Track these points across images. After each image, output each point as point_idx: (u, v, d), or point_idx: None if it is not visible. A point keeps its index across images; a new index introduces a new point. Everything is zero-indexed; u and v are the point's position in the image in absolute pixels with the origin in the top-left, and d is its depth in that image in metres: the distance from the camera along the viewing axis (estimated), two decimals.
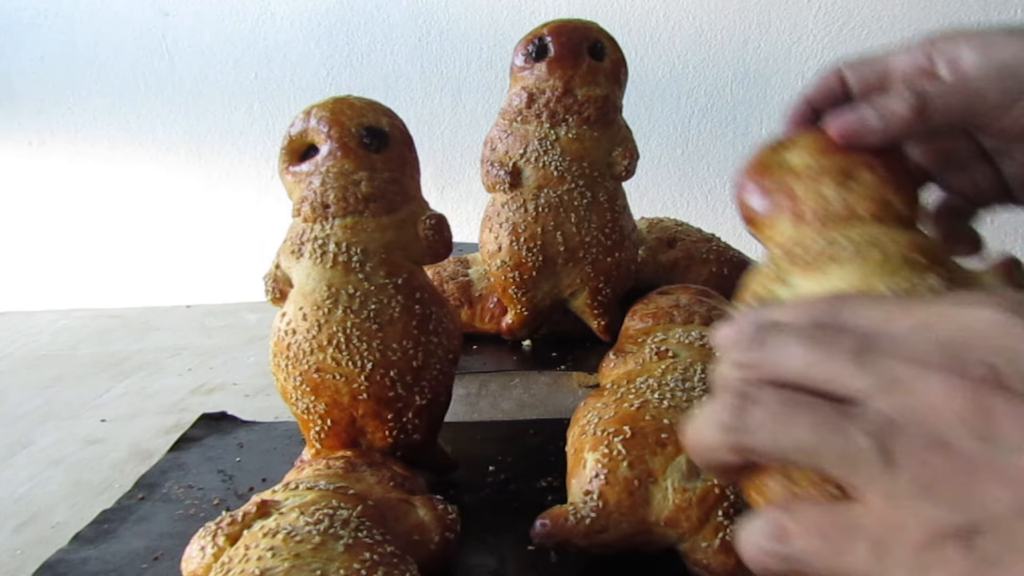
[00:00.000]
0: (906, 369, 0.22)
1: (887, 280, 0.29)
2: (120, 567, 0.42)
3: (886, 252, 0.30)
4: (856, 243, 0.30)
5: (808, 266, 0.30)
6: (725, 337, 0.26)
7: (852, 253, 0.30)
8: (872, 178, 0.33)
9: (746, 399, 0.23)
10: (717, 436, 0.23)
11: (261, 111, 1.13)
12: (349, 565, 0.32)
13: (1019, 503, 0.20)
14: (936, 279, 0.29)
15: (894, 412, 0.21)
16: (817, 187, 0.33)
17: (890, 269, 0.29)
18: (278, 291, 0.47)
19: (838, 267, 0.30)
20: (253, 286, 0.50)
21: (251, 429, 0.60)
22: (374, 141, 0.46)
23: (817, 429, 0.22)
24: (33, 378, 0.77)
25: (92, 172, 1.16)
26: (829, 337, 0.23)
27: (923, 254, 0.30)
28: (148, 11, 1.10)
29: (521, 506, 0.46)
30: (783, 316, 0.25)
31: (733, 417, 0.23)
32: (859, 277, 0.29)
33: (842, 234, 0.31)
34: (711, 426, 0.24)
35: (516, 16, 1.08)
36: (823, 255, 0.30)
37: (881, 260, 0.29)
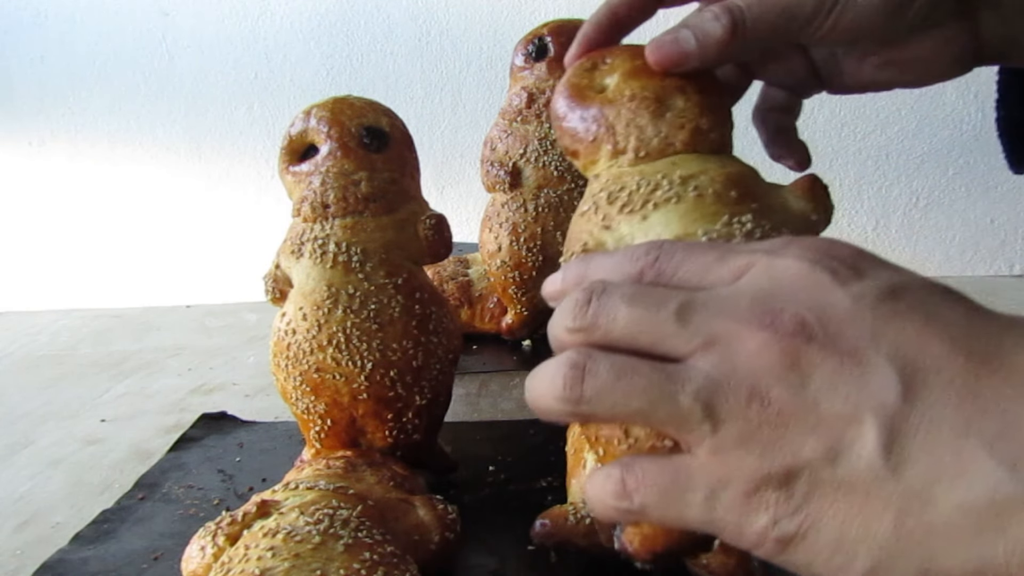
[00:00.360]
0: (724, 325, 0.23)
1: (705, 225, 0.30)
2: (120, 567, 0.42)
3: (702, 192, 0.31)
4: (674, 183, 0.31)
5: (631, 212, 0.31)
6: (553, 290, 0.28)
7: (671, 195, 0.31)
8: (686, 104, 0.33)
9: (579, 369, 0.24)
10: (555, 405, 0.25)
11: (261, 111, 1.13)
12: (349, 565, 0.32)
13: (826, 448, 0.21)
14: (749, 216, 0.30)
15: (716, 369, 0.23)
16: (634, 119, 0.33)
17: (707, 212, 0.30)
18: (278, 291, 0.47)
19: (658, 212, 0.31)
20: (253, 286, 0.50)
21: (251, 429, 0.60)
22: (374, 141, 0.46)
23: (647, 395, 0.23)
24: (33, 378, 0.77)
25: (92, 172, 1.16)
26: (652, 297, 0.24)
27: (737, 188, 0.31)
28: (148, 11, 1.10)
29: (521, 506, 0.46)
30: (607, 270, 0.26)
31: (569, 389, 0.24)
32: (678, 222, 0.30)
33: (661, 173, 0.32)
34: (549, 396, 0.25)
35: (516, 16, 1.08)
36: (644, 200, 0.31)
37: (697, 202, 0.31)
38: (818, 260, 0.23)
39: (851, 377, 0.21)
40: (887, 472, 0.21)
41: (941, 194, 1.09)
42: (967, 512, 0.20)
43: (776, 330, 0.22)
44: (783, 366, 0.22)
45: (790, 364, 0.22)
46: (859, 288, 0.23)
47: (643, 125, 0.33)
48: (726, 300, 0.24)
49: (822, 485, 0.22)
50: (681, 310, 0.24)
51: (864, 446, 0.21)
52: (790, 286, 0.23)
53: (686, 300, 0.24)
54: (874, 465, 0.21)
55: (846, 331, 0.22)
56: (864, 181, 1.11)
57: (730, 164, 0.33)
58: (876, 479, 0.21)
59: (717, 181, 0.31)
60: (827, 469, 0.21)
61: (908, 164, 1.09)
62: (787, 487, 0.22)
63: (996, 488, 0.20)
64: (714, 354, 0.23)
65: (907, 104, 1.05)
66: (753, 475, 0.22)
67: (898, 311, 0.22)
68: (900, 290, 0.23)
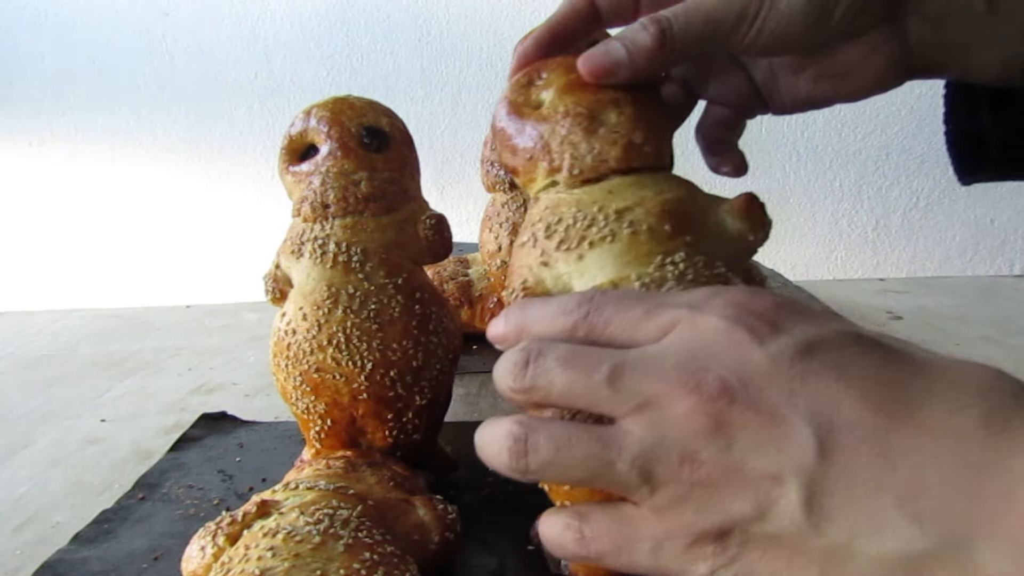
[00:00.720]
0: (652, 388, 0.24)
1: (638, 268, 0.31)
2: (120, 567, 0.42)
3: (636, 230, 0.31)
4: (609, 218, 0.31)
5: (567, 249, 0.32)
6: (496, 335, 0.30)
7: (606, 233, 0.31)
8: (619, 119, 0.33)
9: (521, 443, 0.26)
10: (505, 472, 0.27)
11: (261, 111, 1.13)
12: (349, 565, 0.32)
13: (754, 507, 0.23)
14: (682, 255, 0.31)
15: (648, 434, 0.24)
16: (567, 136, 0.33)
17: (640, 253, 0.31)
18: (278, 291, 0.47)
19: (593, 252, 0.31)
20: (253, 286, 0.50)
21: (251, 429, 0.60)
22: (374, 141, 0.46)
23: (587, 465, 0.25)
24: (33, 378, 0.77)
25: (92, 172, 1.16)
26: (584, 361, 0.26)
27: (671, 220, 0.31)
28: (148, 11, 1.10)
29: (521, 506, 0.46)
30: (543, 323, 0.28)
31: (515, 462, 0.26)
32: (612, 265, 0.31)
33: (598, 205, 0.32)
34: (498, 464, 0.27)
35: (516, 16, 1.08)
36: (580, 236, 0.31)
37: (631, 241, 0.31)
38: (737, 317, 0.25)
39: (772, 438, 0.23)
40: (809, 528, 0.22)
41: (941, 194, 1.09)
42: (884, 566, 0.22)
43: (701, 394, 0.23)
44: (709, 429, 0.23)
45: (716, 427, 0.23)
46: (776, 347, 0.24)
47: (576, 142, 0.33)
48: (653, 361, 0.25)
49: (753, 540, 0.23)
50: (612, 374, 0.25)
51: (788, 504, 0.22)
52: (712, 345, 0.24)
53: (617, 363, 0.25)
54: (797, 522, 0.22)
55: (765, 391, 0.23)
56: (864, 181, 1.11)
57: (667, 188, 0.33)
58: (800, 535, 0.22)
59: (652, 214, 0.31)
60: (756, 525, 0.23)
61: (908, 164, 1.09)
62: (722, 541, 0.24)
63: (908, 544, 0.21)
64: (646, 418, 0.24)
65: (907, 104, 1.05)
66: (690, 530, 0.24)
67: (812, 369, 0.23)
68: (815, 346, 0.24)
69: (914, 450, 0.21)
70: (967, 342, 0.77)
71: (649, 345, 0.26)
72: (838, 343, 0.24)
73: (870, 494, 0.22)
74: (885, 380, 0.23)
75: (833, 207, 1.12)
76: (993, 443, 0.21)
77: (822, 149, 1.10)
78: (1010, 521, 0.20)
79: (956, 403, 0.22)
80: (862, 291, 1.01)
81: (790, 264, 1.14)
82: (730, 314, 0.25)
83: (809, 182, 1.12)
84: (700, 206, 0.33)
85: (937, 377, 0.23)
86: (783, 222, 1.14)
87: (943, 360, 0.24)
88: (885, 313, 0.88)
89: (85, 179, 1.17)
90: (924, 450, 0.21)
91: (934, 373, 0.23)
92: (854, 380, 0.23)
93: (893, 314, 0.88)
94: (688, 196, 0.33)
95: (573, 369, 0.26)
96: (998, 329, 0.81)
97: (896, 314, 0.88)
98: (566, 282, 0.32)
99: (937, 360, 0.24)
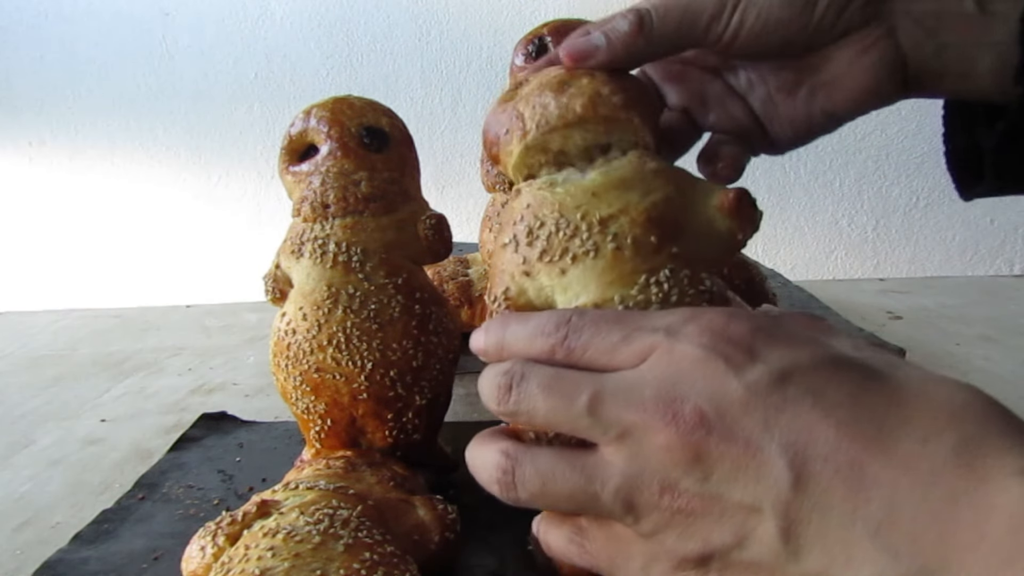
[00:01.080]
0: (631, 418, 0.25)
1: (622, 290, 0.30)
2: (120, 567, 0.42)
3: (621, 244, 0.30)
4: (593, 230, 0.31)
5: (550, 262, 0.31)
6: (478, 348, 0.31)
7: (589, 248, 0.31)
8: (590, 81, 0.33)
9: (509, 475, 0.27)
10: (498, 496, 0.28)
11: (261, 111, 1.13)
12: (349, 565, 0.32)
13: (732, 536, 0.24)
14: (667, 272, 0.30)
15: (629, 465, 0.25)
16: (539, 99, 0.33)
17: (624, 272, 0.30)
18: (278, 291, 0.47)
19: (576, 269, 0.31)
20: (253, 286, 0.50)
21: (251, 429, 0.60)
22: (374, 141, 0.46)
23: (573, 499, 0.26)
24: (33, 378, 0.77)
25: (92, 172, 1.16)
26: (565, 388, 0.27)
27: (657, 229, 0.31)
28: (148, 11, 1.10)
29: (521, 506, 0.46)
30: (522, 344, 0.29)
31: (505, 493, 0.28)
32: (595, 284, 0.30)
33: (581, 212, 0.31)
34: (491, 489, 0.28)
35: (516, 16, 1.08)
36: (563, 249, 0.31)
37: (615, 258, 0.30)
38: (713, 346, 0.25)
39: (748, 469, 0.23)
40: (788, 557, 0.23)
41: (941, 194, 1.09)
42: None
43: (679, 425, 0.24)
44: (688, 461, 0.24)
45: (694, 458, 0.24)
46: (752, 376, 0.24)
47: (547, 103, 0.33)
48: (632, 390, 0.25)
49: (733, 566, 0.24)
50: (592, 403, 0.26)
51: (765, 534, 0.23)
52: (689, 375, 0.25)
53: (596, 391, 0.26)
54: (775, 551, 0.23)
55: (741, 422, 0.23)
56: (864, 181, 1.11)
57: (654, 187, 0.31)
58: (779, 563, 0.23)
59: (637, 224, 0.31)
60: (735, 553, 0.24)
61: (908, 164, 1.09)
62: (704, 566, 0.25)
63: (882, 573, 0.21)
64: (626, 448, 0.25)
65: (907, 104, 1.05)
66: (674, 555, 0.25)
67: (788, 398, 0.23)
68: (790, 374, 0.24)
69: (888, 481, 0.22)
70: (967, 342, 0.77)
71: (627, 370, 0.26)
72: (814, 370, 0.24)
73: (844, 525, 0.22)
74: (860, 408, 0.23)
75: (833, 207, 1.12)
76: (963, 473, 0.21)
77: (822, 149, 1.10)
78: (980, 551, 0.20)
79: (929, 431, 0.22)
80: (862, 291, 1.01)
81: (790, 264, 1.14)
82: (706, 342, 0.25)
83: (809, 182, 1.12)
84: (689, 204, 0.32)
85: (911, 402, 0.23)
86: (783, 222, 1.14)
87: (920, 380, 0.24)
88: (885, 313, 0.88)
89: (85, 179, 1.17)
90: (897, 481, 0.22)
91: (909, 398, 0.23)
92: (829, 409, 0.23)
93: (893, 314, 0.88)
94: (676, 193, 0.32)
95: (554, 397, 0.27)
96: (998, 329, 0.81)
97: (896, 314, 0.88)
98: (548, 295, 0.32)
99: (914, 381, 0.24)
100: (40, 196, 1.18)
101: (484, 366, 0.31)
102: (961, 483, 0.21)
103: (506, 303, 0.33)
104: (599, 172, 0.32)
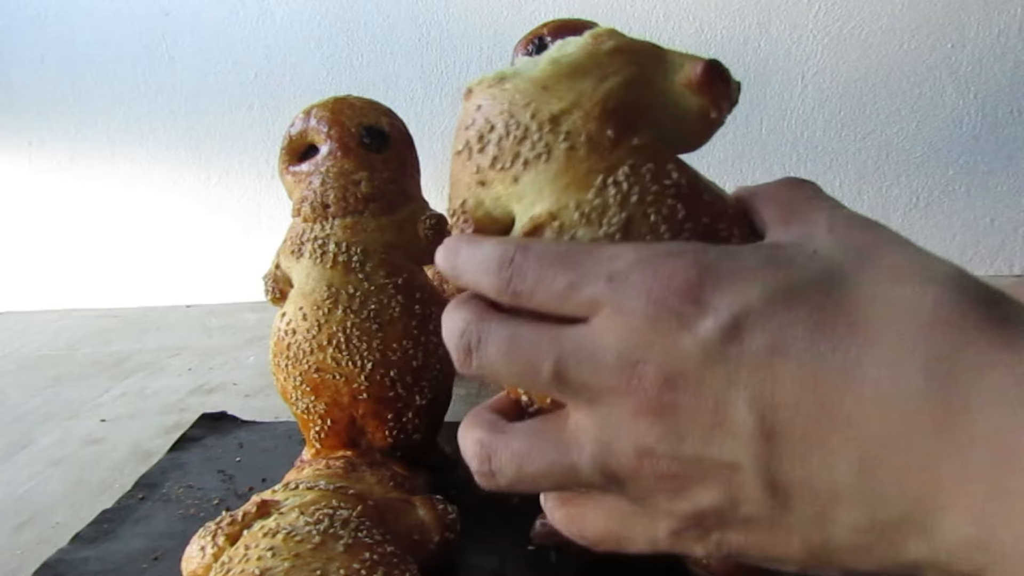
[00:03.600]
0: (598, 384, 0.24)
1: (577, 195, 0.28)
2: (120, 567, 0.42)
3: (574, 143, 0.28)
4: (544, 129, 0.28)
5: (502, 169, 0.29)
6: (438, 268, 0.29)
7: (541, 150, 0.28)
8: None
9: (486, 463, 0.26)
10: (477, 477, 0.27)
11: (261, 111, 1.13)
12: (349, 565, 0.32)
13: (721, 496, 0.23)
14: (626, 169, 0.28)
15: (602, 432, 0.24)
16: None
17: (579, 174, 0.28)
18: (278, 291, 0.47)
19: (528, 175, 0.28)
20: (253, 286, 0.50)
21: (251, 429, 0.60)
22: (374, 141, 0.46)
23: (551, 476, 0.25)
24: (33, 378, 0.77)
25: (92, 172, 1.16)
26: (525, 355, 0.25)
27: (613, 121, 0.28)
28: (148, 11, 1.10)
29: (521, 506, 0.46)
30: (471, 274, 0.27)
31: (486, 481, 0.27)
32: (549, 191, 0.28)
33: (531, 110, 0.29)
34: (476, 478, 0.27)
35: (516, 16, 1.08)
36: (514, 154, 0.29)
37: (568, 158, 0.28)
38: (660, 300, 0.23)
39: (720, 427, 0.22)
40: (780, 507, 0.22)
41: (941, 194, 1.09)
42: (858, 532, 0.21)
43: (645, 390, 0.23)
44: (660, 425, 0.23)
45: (664, 422, 0.23)
46: (704, 332, 0.23)
47: None
48: (593, 354, 0.24)
49: (730, 523, 0.23)
50: (556, 371, 0.25)
51: (752, 489, 0.22)
52: (644, 335, 0.23)
53: (558, 358, 0.25)
54: (766, 504, 0.22)
55: (704, 380, 0.23)
56: (864, 181, 1.11)
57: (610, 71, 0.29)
58: (772, 514, 0.22)
59: (592, 118, 0.28)
60: (729, 511, 0.23)
61: (908, 164, 1.09)
62: (702, 527, 0.24)
63: (874, 513, 0.21)
64: (597, 415, 0.24)
65: (907, 104, 1.05)
66: (670, 519, 0.24)
67: (745, 350, 0.22)
68: (742, 321, 0.22)
69: (860, 419, 0.21)
70: None
71: (583, 328, 0.25)
72: (767, 309, 0.22)
73: (826, 469, 0.21)
74: (821, 341, 0.22)
75: None
76: (939, 404, 0.20)
77: (822, 149, 1.10)
78: (967, 482, 0.20)
79: (898, 354, 0.21)
80: None
81: None
82: (654, 297, 0.24)
83: None
84: (651, 86, 0.29)
85: (875, 320, 0.21)
86: None
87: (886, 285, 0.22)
88: None
89: (85, 179, 1.17)
90: (870, 416, 0.21)
91: (872, 316, 0.22)
92: (789, 353, 0.22)
93: None
94: (637, 77, 0.29)
95: (517, 364, 0.25)
96: None
97: None
98: (504, 205, 0.29)
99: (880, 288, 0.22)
100: (40, 196, 1.18)
101: None
102: (939, 414, 0.20)
103: (464, 216, 0.31)
104: (549, 60, 0.30)
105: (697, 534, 0.24)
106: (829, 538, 0.22)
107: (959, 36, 1.01)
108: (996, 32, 1.00)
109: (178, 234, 1.17)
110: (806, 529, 0.22)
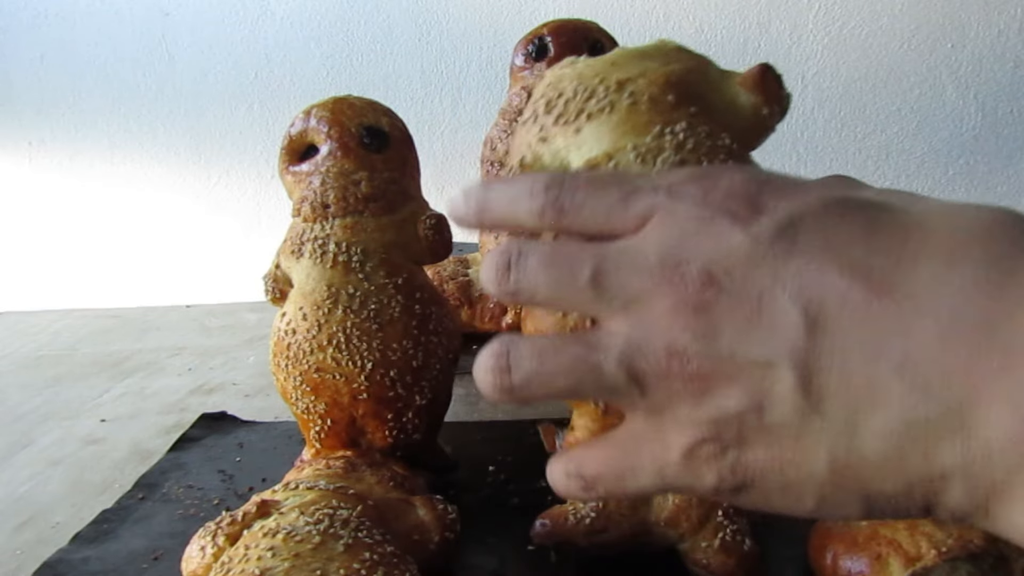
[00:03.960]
0: (636, 286, 0.23)
1: (635, 138, 0.29)
2: (120, 567, 0.42)
3: (637, 100, 0.29)
4: (610, 89, 0.30)
5: (566, 123, 0.30)
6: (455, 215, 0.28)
7: (604, 105, 0.30)
8: None
9: (503, 358, 0.25)
10: (493, 394, 0.25)
11: (261, 111, 1.13)
12: (349, 565, 0.32)
13: (749, 398, 0.22)
14: (683, 124, 0.29)
15: (634, 332, 0.23)
16: None
17: (639, 123, 0.29)
18: (278, 291, 0.47)
19: (591, 125, 0.30)
20: (253, 286, 0.50)
21: (251, 429, 0.60)
22: (374, 141, 0.46)
23: (574, 372, 0.24)
24: (33, 378, 0.77)
25: (92, 172, 1.16)
26: (565, 261, 0.25)
27: (675, 90, 0.30)
28: (148, 11, 1.10)
29: (521, 506, 0.46)
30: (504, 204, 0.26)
31: (499, 379, 0.25)
32: (608, 135, 0.29)
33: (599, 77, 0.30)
34: (486, 384, 0.25)
35: (516, 16, 1.08)
36: (579, 110, 0.30)
37: (630, 111, 0.29)
38: (718, 203, 0.23)
39: (760, 323, 0.22)
40: (810, 410, 0.21)
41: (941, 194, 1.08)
42: (889, 437, 0.21)
43: (685, 287, 0.22)
44: (695, 322, 0.22)
45: (702, 319, 0.22)
46: (757, 228, 0.22)
47: None
48: (636, 258, 0.24)
49: (754, 434, 0.22)
50: (595, 274, 0.24)
51: (783, 389, 0.21)
52: (694, 235, 0.23)
53: (599, 262, 0.24)
54: (797, 406, 0.21)
55: (749, 276, 0.22)
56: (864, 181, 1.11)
57: (675, 59, 0.31)
58: (802, 419, 0.21)
59: (655, 84, 0.30)
60: (755, 418, 0.22)
61: (908, 164, 1.09)
62: (720, 440, 0.23)
63: (911, 412, 0.20)
64: (631, 317, 0.23)
65: (907, 104, 1.05)
66: (686, 433, 0.23)
67: (796, 244, 0.22)
68: (797, 221, 0.22)
69: (909, 311, 0.20)
70: None
71: (628, 236, 0.24)
72: (823, 213, 0.22)
73: (867, 365, 0.20)
74: (875, 241, 0.21)
75: None
76: (995, 294, 0.20)
77: (822, 149, 1.10)
78: (1012, 378, 0.19)
79: (954, 252, 0.21)
80: None
81: None
82: (711, 200, 0.23)
83: None
84: (710, 79, 0.31)
85: (932, 228, 0.21)
86: None
87: (942, 208, 0.22)
88: None
89: (85, 179, 1.17)
90: (920, 312, 0.20)
91: (929, 225, 0.22)
92: (841, 248, 0.21)
93: None
94: (697, 68, 0.31)
95: (556, 269, 0.25)
96: None
97: None
98: (563, 157, 0.30)
99: (934, 211, 0.22)
100: (40, 196, 1.18)
101: None
102: (991, 309, 0.20)
103: (521, 171, 0.31)
104: (618, 50, 0.32)
105: (713, 450, 0.23)
106: (857, 447, 0.21)
107: (959, 36, 1.01)
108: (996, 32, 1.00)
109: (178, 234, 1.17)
110: (834, 437, 0.21)
